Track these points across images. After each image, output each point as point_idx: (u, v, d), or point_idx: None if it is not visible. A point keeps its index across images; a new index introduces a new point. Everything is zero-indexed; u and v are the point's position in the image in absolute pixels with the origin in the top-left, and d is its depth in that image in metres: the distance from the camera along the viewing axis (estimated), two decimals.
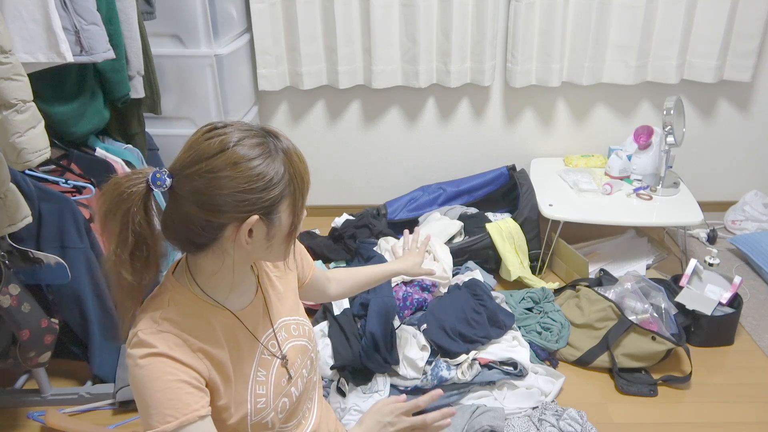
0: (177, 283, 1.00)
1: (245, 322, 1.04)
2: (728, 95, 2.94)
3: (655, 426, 1.87)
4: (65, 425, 1.86)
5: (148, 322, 0.94)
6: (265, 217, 0.92)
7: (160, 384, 0.89)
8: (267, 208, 0.91)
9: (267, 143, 0.91)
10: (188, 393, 0.91)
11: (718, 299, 2.18)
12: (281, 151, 0.92)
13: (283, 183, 0.91)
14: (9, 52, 1.37)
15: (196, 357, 0.94)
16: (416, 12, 2.69)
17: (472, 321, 2.04)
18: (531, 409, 1.88)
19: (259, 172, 0.89)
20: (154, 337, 0.92)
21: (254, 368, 1.04)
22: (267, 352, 1.07)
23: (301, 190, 0.95)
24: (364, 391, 1.90)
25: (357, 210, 2.98)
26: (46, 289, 1.87)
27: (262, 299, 1.09)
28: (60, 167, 1.95)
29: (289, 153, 0.93)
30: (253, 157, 0.89)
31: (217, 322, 0.99)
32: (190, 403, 0.90)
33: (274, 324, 1.10)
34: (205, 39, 2.37)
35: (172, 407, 0.89)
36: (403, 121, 3.05)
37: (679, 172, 2.76)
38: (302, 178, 0.95)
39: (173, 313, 0.96)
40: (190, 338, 0.95)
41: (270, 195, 0.90)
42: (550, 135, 3.07)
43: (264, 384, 1.04)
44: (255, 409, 1.02)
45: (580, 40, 2.77)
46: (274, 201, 0.91)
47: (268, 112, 3.03)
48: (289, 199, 0.94)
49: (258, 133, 0.92)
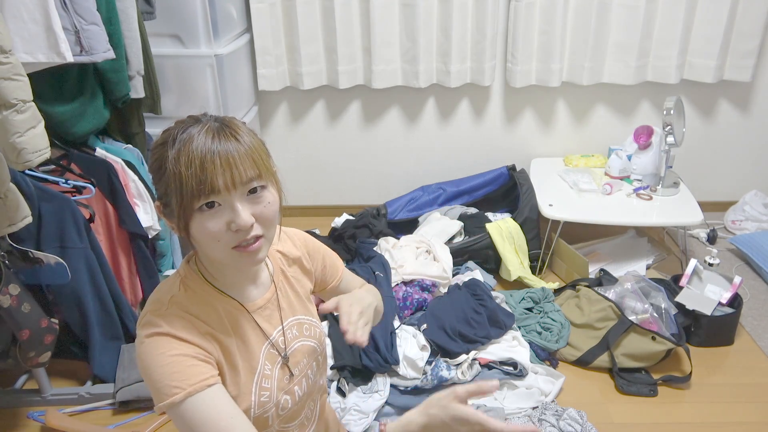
0: (189, 270, 1.01)
1: (254, 314, 1.04)
2: (728, 95, 2.94)
3: (655, 426, 1.87)
4: (65, 425, 1.86)
5: (157, 304, 0.96)
6: (163, 207, 0.94)
7: (163, 359, 0.89)
8: (161, 197, 0.93)
9: (173, 133, 0.90)
10: (193, 365, 0.90)
11: (718, 299, 2.18)
12: (178, 145, 0.88)
13: (166, 177, 0.89)
14: (9, 52, 1.37)
15: (204, 338, 0.95)
16: (416, 12, 2.69)
17: (472, 321, 2.04)
18: (531, 409, 1.88)
19: (154, 159, 0.92)
20: (161, 318, 0.93)
21: (262, 361, 1.04)
22: (274, 348, 1.07)
23: (180, 191, 0.87)
24: (364, 391, 1.90)
25: (357, 210, 2.98)
26: (46, 289, 1.87)
27: (275, 295, 1.09)
28: (60, 167, 1.94)
29: (180, 148, 0.87)
30: (154, 145, 0.93)
31: (224, 311, 1.00)
32: (195, 374, 0.90)
33: (285, 320, 1.09)
34: (205, 39, 2.37)
35: (178, 380, 0.88)
36: (403, 121, 3.05)
37: (679, 172, 2.76)
38: (181, 180, 0.87)
39: (183, 297, 0.97)
40: (198, 321, 0.95)
41: (158, 184, 0.92)
42: (550, 135, 3.07)
43: (269, 378, 1.04)
44: (258, 401, 1.02)
45: (580, 40, 2.77)
46: (163, 193, 0.92)
47: (268, 112, 3.03)
48: (175, 196, 0.89)
49: (186, 122, 0.91)
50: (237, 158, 0.88)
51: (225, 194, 0.88)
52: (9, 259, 1.67)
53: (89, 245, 1.87)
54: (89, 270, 1.88)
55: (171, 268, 2.34)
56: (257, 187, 0.91)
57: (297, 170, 3.13)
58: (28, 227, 1.63)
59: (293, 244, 1.17)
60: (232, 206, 0.89)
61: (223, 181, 0.87)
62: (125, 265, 2.10)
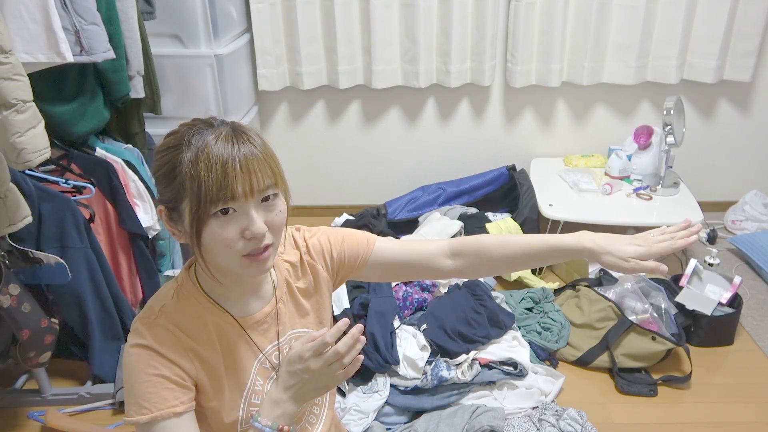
0: (187, 278, 1.00)
1: (248, 329, 1.02)
2: (728, 95, 2.94)
3: (655, 426, 1.87)
4: (65, 425, 1.86)
5: (149, 311, 0.96)
6: (168, 212, 0.92)
7: (142, 376, 0.91)
8: (168, 201, 0.91)
9: (185, 136, 0.87)
10: (167, 389, 0.92)
11: (718, 299, 2.18)
12: (195, 149, 0.86)
13: (180, 180, 0.87)
14: (9, 52, 1.37)
15: (185, 356, 0.94)
16: (416, 12, 2.69)
17: (472, 321, 2.04)
18: (531, 409, 1.88)
19: (164, 162, 0.89)
20: (148, 328, 0.93)
21: (252, 377, 1.02)
22: (268, 362, 1.05)
23: (197, 195, 0.85)
24: (364, 391, 1.90)
25: (357, 210, 2.98)
26: (46, 289, 1.87)
27: (275, 308, 1.06)
28: (60, 167, 1.94)
29: (197, 152, 0.86)
30: (162, 147, 0.90)
31: (214, 326, 0.98)
32: (167, 398, 0.92)
33: (282, 336, 1.07)
34: (205, 39, 2.37)
35: (149, 401, 0.91)
36: (403, 121, 3.05)
37: (679, 172, 2.76)
38: (199, 184, 0.85)
39: (173, 307, 0.96)
40: (183, 336, 0.95)
41: (167, 188, 0.89)
42: (550, 135, 3.06)
43: (260, 394, 1.03)
44: (246, 418, 1.01)
45: (580, 40, 2.77)
46: (172, 198, 0.89)
47: (268, 112, 3.03)
48: (189, 201, 0.87)
49: (192, 125, 0.90)
50: (256, 165, 0.87)
51: (242, 201, 0.87)
52: (9, 259, 1.67)
53: (89, 245, 1.87)
54: (89, 270, 1.88)
55: (171, 268, 2.34)
56: (270, 195, 0.90)
57: (297, 170, 3.13)
58: (28, 227, 1.63)
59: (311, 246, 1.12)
60: (248, 213, 0.88)
61: (242, 187, 0.86)
62: (125, 265, 2.10)
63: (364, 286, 2.20)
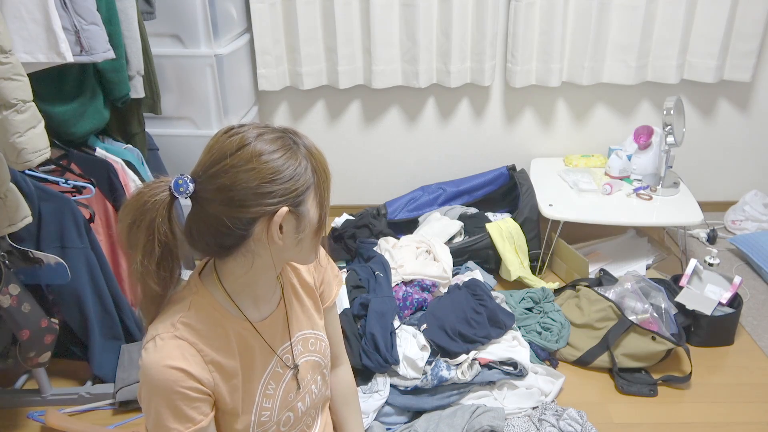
0: (202, 287, 0.99)
1: (263, 333, 1.03)
2: (728, 95, 2.94)
3: (655, 426, 1.87)
4: (65, 425, 1.86)
5: (167, 325, 0.94)
6: (294, 209, 0.92)
7: (168, 395, 0.91)
8: (294, 199, 0.91)
9: (285, 138, 0.92)
10: (194, 407, 0.93)
11: (718, 299, 2.18)
12: (302, 145, 0.94)
13: (306, 174, 0.92)
14: (9, 52, 1.37)
15: (207, 370, 0.95)
16: (416, 12, 2.69)
17: (472, 321, 2.04)
18: (531, 409, 1.88)
19: (281, 164, 0.90)
20: (171, 343, 0.92)
21: (264, 381, 1.04)
22: (281, 364, 1.06)
23: (324, 183, 0.96)
24: (364, 391, 1.90)
25: (357, 210, 2.98)
26: (46, 289, 1.87)
27: (283, 311, 1.08)
28: (60, 167, 1.94)
29: (309, 147, 0.94)
30: (274, 150, 0.90)
31: (233, 332, 0.99)
32: (194, 417, 0.93)
33: (293, 336, 1.09)
34: (205, 39, 2.37)
35: (176, 421, 0.92)
36: (403, 121, 3.05)
37: (679, 172, 2.76)
38: (324, 171, 0.96)
39: (193, 318, 0.95)
40: (205, 348, 0.95)
41: (296, 186, 0.91)
42: (550, 135, 3.07)
43: (271, 398, 1.05)
44: (258, 421, 1.03)
45: (580, 40, 2.77)
46: (300, 192, 0.92)
47: (268, 112, 3.03)
48: (315, 191, 0.94)
49: (276, 129, 0.94)
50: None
51: None
52: (9, 259, 1.67)
53: (89, 245, 1.87)
54: (89, 270, 1.88)
55: None
56: None
57: None
58: (28, 227, 1.62)
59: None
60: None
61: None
62: (125, 265, 2.10)
63: (364, 286, 2.20)
